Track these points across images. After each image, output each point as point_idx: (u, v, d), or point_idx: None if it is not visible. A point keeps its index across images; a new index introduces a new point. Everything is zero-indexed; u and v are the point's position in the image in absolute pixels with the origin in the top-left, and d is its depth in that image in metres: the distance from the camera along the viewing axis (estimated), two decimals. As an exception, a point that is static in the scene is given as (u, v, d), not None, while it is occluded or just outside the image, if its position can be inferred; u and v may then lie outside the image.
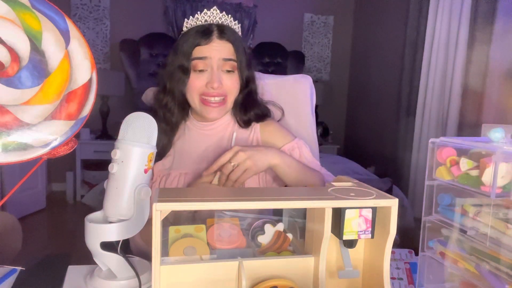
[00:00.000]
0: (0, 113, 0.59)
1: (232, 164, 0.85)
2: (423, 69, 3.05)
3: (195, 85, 0.95)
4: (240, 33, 1.01)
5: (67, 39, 0.64)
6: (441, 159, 0.64)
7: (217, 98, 0.96)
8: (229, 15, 0.99)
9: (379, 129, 3.90)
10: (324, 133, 4.19)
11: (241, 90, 1.02)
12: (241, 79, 1.00)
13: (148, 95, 1.29)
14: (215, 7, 0.97)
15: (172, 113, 1.00)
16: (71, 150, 0.68)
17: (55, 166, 3.68)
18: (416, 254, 0.74)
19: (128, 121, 0.68)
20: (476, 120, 2.70)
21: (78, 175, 3.57)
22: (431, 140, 0.66)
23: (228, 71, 0.96)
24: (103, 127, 3.66)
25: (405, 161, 3.23)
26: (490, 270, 0.59)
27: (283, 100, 1.15)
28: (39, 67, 0.61)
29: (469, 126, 2.75)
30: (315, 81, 1.67)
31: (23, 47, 0.60)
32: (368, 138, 4.13)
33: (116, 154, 0.66)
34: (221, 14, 0.97)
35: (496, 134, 0.59)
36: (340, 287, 0.68)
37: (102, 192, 0.69)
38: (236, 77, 0.98)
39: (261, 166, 0.89)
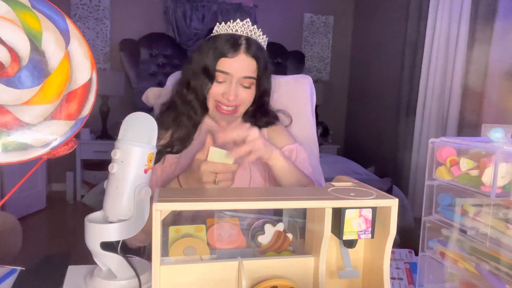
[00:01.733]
0: (0, 113, 0.59)
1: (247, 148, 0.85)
2: (423, 69, 3.05)
3: (213, 92, 0.99)
4: (265, 45, 1.04)
5: (67, 39, 0.64)
6: (441, 159, 0.64)
7: (230, 108, 1.00)
8: (259, 29, 1.01)
9: (379, 129, 3.90)
10: (324, 133, 4.19)
11: (254, 101, 1.05)
12: (257, 92, 1.03)
13: (149, 95, 1.29)
14: (247, 19, 0.99)
15: (195, 111, 1.03)
16: (71, 150, 0.68)
17: (55, 166, 3.68)
18: (416, 254, 0.74)
19: (128, 121, 0.68)
20: (476, 120, 2.70)
21: (78, 175, 3.57)
22: (431, 140, 0.66)
23: (245, 86, 0.99)
24: (103, 127, 3.66)
25: (405, 161, 3.23)
26: (490, 270, 0.59)
27: (283, 100, 1.15)
28: (39, 67, 0.61)
29: (469, 126, 2.75)
30: (315, 81, 1.67)
31: (23, 47, 0.60)
32: (368, 138, 4.13)
33: (116, 154, 0.66)
34: (252, 27, 0.99)
35: (496, 134, 0.59)
36: (340, 287, 0.68)
37: (102, 192, 0.69)
38: (252, 91, 1.01)
39: (265, 154, 0.89)
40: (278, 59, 4.10)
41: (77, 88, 0.66)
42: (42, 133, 0.63)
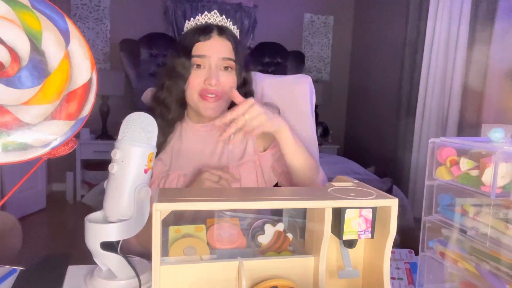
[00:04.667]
0: (0, 113, 0.59)
1: (246, 117, 0.81)
2: (423, 69, 3.05)
3: (194, 82, 0.96)
4: (238, 37, 1.03)
5: (67, 39, 0.64)
6: (441, 159, 0.64)
7: (214, 95, 0.97)
8: (229, 19, 1.00)
9: (379, 129, 3.90)
10: (324, 133, 4.19)
11: (240, 92, 1.01)
12: (238, 78, 1.01)
13: (148, 95, 1.29)
14: (215, 11, 0.99)
15: (168, 109, 1.01)
16: (71, 150, 0.68)
17: (55, 166, 3.68)
18: (416, 254, 0.74)
19: (128, 121, 0.68)
20: (476, 120, 2.70)
21: (78, 175, 3.57)
22: (431, 140, 0.66)
23: (226, 68, 0.97)
24: (103, 127, 3.66)
25: (405, 161, 3.23)
26: (490, 270, 0.59)
27: (283, 100, 1.15)
28: (39, 67, 0.61)
29: (469, 126, 2.75)
30: (315, 81, 1.67)
31: (23, 47, 0.60)
32: (368, 138, 4.13)
33: (116, 154, 0.66)
34: (221, 17, 0.99)
35: (496, 134, 0.59)
36: (340, 287, 0.68)
37: (102, 192, 0.69)
38: (233, 75, 0.99)
39: (273, 124, 0.86)
40: (278, 59, 4.09)
41: (77, 88, 0.66)
42: (42, 133, 0.63)
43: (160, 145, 1.02)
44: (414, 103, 3.17)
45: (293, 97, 1.22)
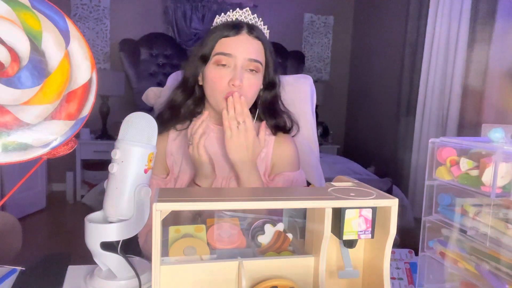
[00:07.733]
0: (0, 113, 0.59)
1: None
2: (423, 69, 3.05)
3: (219, 83, 0.90)
4: (267, 37, 0.99)
5: (67, 39, 0.64)
6: (441, 159, 0.64)
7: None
8: (260, 19, 0.96)
9: (379, 129, 3.90)
10: (324, 133, 4.19)
11: (265, 95, 1.00)
12: (265, 80, 0.97)
13: (149, 95, 1.29)
14: (247, 8, 0.95)
15: (183, 104, 0.98)
16: (71, 150, 0.68)
17: (55, 166, 3.68)
18: (416, 254, 0.74)
19: (128, 121, 0.68)
20: (476, 120, 2.70)
21: (78, 175, 3.57)
22: (431, 140, 0.66)
23: (252, 70, 0.91)
24: (103, 127, 3.66)
25: (405, 161, 3.23)
26: (490, 270, 0.59)
27: (283, 100, 1.15)
28: (39, 67, 0.61)
29: (469, 126, 2.75)
30: (315, 81, 1.67)
31: (23, 47, 0.60)
32: (368, 138, 4.13)
33: (116, 154, 0.66)
34: (253, 16, 0.95)
35: (496, 134, 0.59)
36: (340, 287, 0.68)
37: (102, 192, 0.69)
38: (258, 79, 0.94)
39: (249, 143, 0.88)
40: (278, 59, 4.09)
41: (77, 88, 0.66)
42: (42, 133, 0.63)
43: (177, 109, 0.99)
44: (414, 103, 3.17)
45: (293, 97, 1.22)
